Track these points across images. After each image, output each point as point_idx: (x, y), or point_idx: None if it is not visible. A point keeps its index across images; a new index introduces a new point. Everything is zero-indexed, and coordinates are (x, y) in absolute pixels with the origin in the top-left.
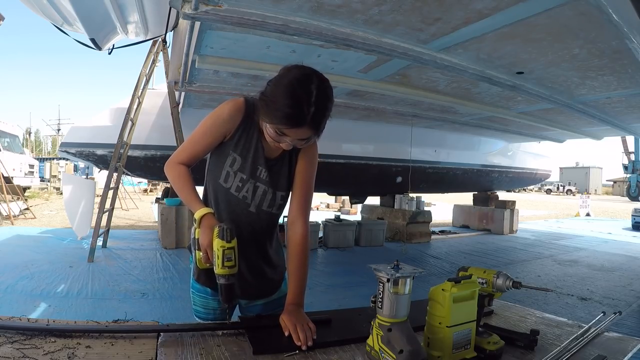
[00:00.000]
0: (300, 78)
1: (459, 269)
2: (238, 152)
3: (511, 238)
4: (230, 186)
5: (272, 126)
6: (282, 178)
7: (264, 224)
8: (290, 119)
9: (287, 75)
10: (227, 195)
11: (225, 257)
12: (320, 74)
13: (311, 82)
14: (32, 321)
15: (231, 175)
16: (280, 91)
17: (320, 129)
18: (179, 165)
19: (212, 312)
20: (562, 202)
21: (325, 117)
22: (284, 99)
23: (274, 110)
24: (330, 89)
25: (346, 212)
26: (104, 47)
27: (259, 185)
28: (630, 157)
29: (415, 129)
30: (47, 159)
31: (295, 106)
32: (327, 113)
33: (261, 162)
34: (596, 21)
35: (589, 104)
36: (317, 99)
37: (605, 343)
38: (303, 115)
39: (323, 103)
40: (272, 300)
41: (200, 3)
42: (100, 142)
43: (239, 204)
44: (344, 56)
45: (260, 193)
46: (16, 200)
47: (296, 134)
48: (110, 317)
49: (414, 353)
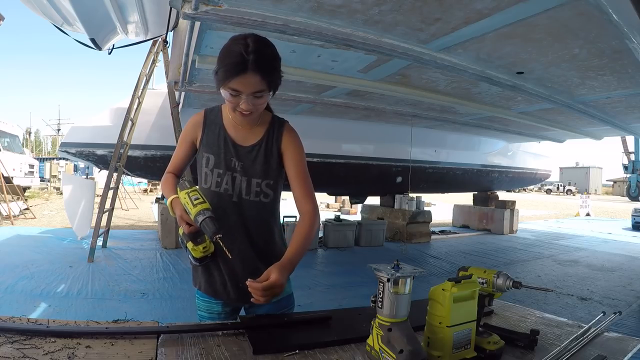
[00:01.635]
0: (236, 38)
1: (459, 269)
2: (209, 151)
3: (511, 238)
4: (210, 184)
5: (225, 89)
6: (256, 165)
7: (250, 213)
8: (233, 68)
9: (226, 43)
10: (210, 194)
11: (192, 198)
12: (258, 35)
13: (246, 37)
14: (32, 321)
15: (209, 174)
16: (222, 54)
17: (270, 76)
18: (166, 173)
19: (216, 316)
20: (562, 202)
21: (272, 66)
22: (225, 56)
23: (220, 71)
24: (271, 44)
25: (346, 212)
26: (104, 47)
27: (236, 176)
28: (630, 157)
29: (415, 129)
30: (47, 159)
31: (235, 55)
32: (272, 63)
33: (233, 154)
34: (596, 21)
35: (589, 104)
36: (255, 47)
37: (605, 343)
38: (244, 60)
39: (263, 50)
40: (277, 301)
41: (200, 3)
42: (100, 142)
43: (222, 197)
44: (344, 56)
45: (238, 182)
46: (16, 200)
47: (245, 86)
48: (110, 317)
49: (414, 353)
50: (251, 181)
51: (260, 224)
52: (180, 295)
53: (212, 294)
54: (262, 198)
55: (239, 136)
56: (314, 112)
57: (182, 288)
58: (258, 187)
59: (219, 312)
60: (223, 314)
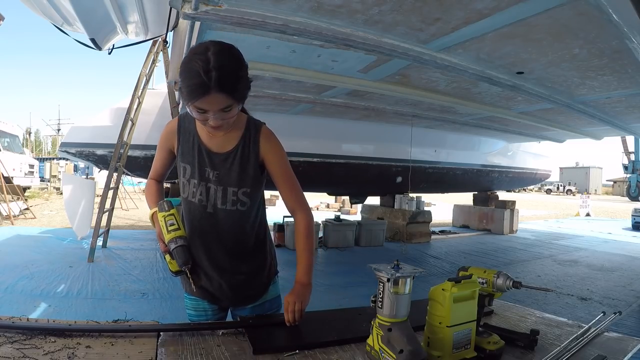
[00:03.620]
0: (198, 51)
1: (459, 269)
2: (185, 161)
3: (511, 238)
4: (187, 194)
5: (192, 107)
6: (232, 174)
7: (226, 222)
8: (196, 90)
9: (188, 54)
10: (188, 204)
11: (168, 224)
12: (221, 42)
13: (207, 50)
14: (32, 321)
15: (186, 184)
16: (184, 70)
17: (235, 91)
18: (149, 180)
19: (203, 313)
20: (562, 202)
21: (235, 80)
22: (187, 74)
23: (184, 90)
24: (234, 51)
25: (346, 212)
26: (104, 47)
27: (210, 186)
28: (630, 157)
29: (415, 129)
30: (47, 159)
31: (196, 76)
32: (236, 75)
33: (207, 164)
34: (596, 21)
35: (589, 104)
36: (217, 63)
37: (605, 343)
38: (205, 82)
39: (225, 66)
40: (259, 304)
41: (200, 3)
42: (100, 142)
43: (197, 208)
44: (344, 56)
45: (212, 192)
46: (16, 200)
47: (211, 104)
48: (110, 317)
49: (414, 353)
50: (227, 190)
51: (237, 232)
52: (180, 295)
53: (193, 293)
54: (239, 207)
55: (214, 144)
56: (314, 112)
57: (182, 288)
58: (234, 196)
59: (206, 310)
60: (210, 311)
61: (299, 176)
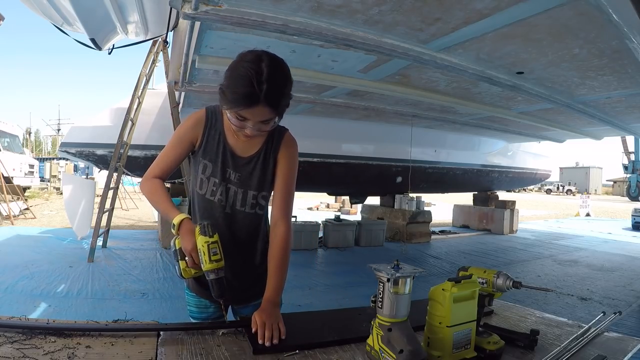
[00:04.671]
0: (251, 59)
1: (459, 269)
2: (207, 158)
3: (511, 238)
4: (205, 192)
5: (232, 112)
6: (253, 178)
7: (243, 224)
8: (244, 99)
9: (238, 60)
10: (204, 201)
11: (211, 252)
12: (273, 54)
13: (261, 61)
14: (32, 321)
15: (204, 182)
16: (232, 75)
17: (279, 107)
18: (152, 179)
19: (204, 310)
20: (562, 202)
21: (282, 95)
22: (237, 81)
23: (230, 95)
24: (284, 66)
25: (346, 212)
26: (104, 47)
27: (230, 187)
28: (630, 157)
29: (415, 129)
30: (47, 159)
31: (247, 85)
32: (283, 90)
33: (230, 165)
34: (596, 21)
35: (589, 104)
36: (269, 76)
37: (605, 343)
38: (255, 92)
39: (275, 80)
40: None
41: (200, 3)
42: (100, 142)
43: (215, 207)
44: (344, 56)
45: (232, 194)
46: (16, 200)
47: (254, 115)
48: (110, 317)
49: (414, 353)
50: (247, 193)
51: (252, 233)
52: (180, 295)
53: (198, 292)
54: (258, 210)
55: (238, 146)
56: (314, 112)
57: (182, 288)
58: (254, 200)
59: (207, 307)
60: (212, 308)
61: (298, 176)
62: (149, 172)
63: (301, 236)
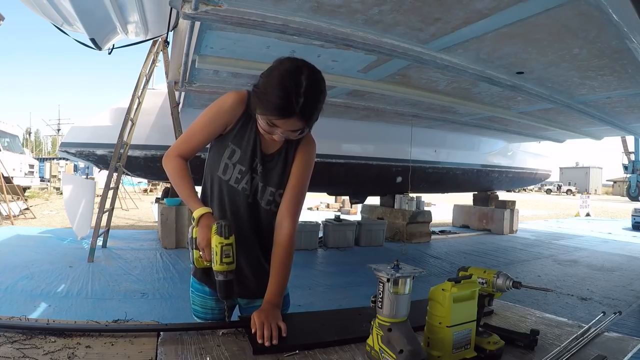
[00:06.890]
0: (291, 69)
1: (459, 269)
2: (237, 144)
3: (511, 238)
4: (230, 178)
5: (264, 117)
6: (274, 174)
7: (263, 217)
8: (279, 110)
9: (278, 66)
10: (227, 187)
11: (224, 254)
12: (312, 66)
13: (301, 73)
14: (32, 321)
15: (230, 167)
16: (270, 82)
17: (311, 120)
18: (178, 158)
19: (210, 311)
20: (562, 202)
21: (316, 109)
22: (274, 89)
23: (265, 101)
24: (322, 80)
25: (346, 212)
26: (104, 47)
27: (255, 177)
28: (630, 157)
29: (415, 129)
30: (47, 159)
31: (284, 97)
32: (318, 105)
33: (258, 155)
34: (596, 21)
35: (589, 104)
36: (307, 90)
37: (605, 343)
38: (292, 105)
39: (313, 94)
40: None
41: (200, 3)
42: (100, 142)
43: (238, 195)
44: (344, 56)
45: (255, 185)
46: (16, 200)
47: (286, 125)
48: (110, 317)
49: (414, 353)
50: (266, 189)
51: (268, 226)
52: (180, 295)
53: (207, 282)
54: (273, 207)
55: (265, 142)
56: None
57: (182, 288)
58: (271, 196)
59: (213, 308)
60: (217, 309)
61: None
62: (175, 149)
63: (301, 236)
